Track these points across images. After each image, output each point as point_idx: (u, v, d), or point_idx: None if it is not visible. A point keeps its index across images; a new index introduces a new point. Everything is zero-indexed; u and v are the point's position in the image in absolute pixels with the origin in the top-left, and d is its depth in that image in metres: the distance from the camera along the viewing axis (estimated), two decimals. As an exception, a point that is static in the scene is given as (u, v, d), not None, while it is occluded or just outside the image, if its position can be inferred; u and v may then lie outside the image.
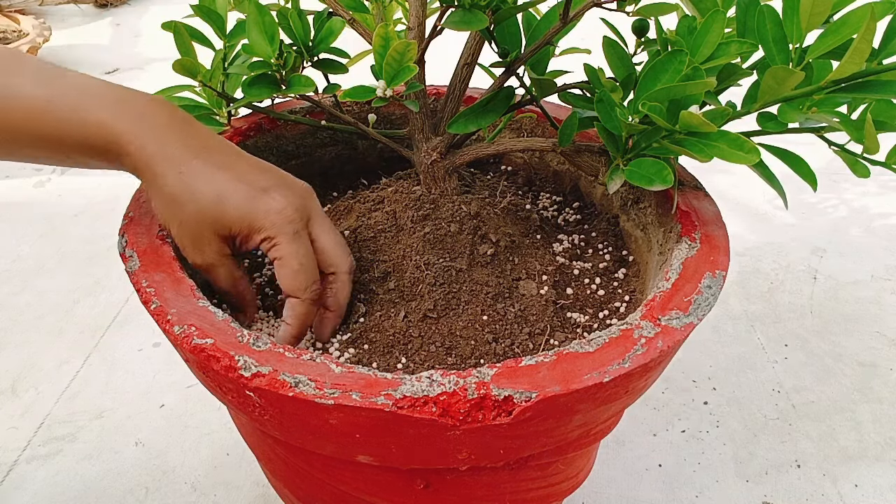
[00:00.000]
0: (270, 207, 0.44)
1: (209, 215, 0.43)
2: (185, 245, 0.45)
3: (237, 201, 0.43)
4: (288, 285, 0.45)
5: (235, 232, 0.44)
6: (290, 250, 0.44)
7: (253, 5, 0.51)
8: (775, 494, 0.72)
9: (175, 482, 0.72)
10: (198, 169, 0.43)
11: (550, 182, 0.67)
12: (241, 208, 0.43)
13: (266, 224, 0.44)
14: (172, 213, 0.44)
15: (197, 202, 0.43)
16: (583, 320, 0.51)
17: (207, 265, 0.45)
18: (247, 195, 0.43)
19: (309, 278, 0.45)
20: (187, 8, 0.55)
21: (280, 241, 0.44)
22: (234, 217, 0.43)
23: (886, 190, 1.26)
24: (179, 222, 0.44)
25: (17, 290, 0.97)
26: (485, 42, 0.52)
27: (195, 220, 0.43)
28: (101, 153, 0.43)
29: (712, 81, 0.40)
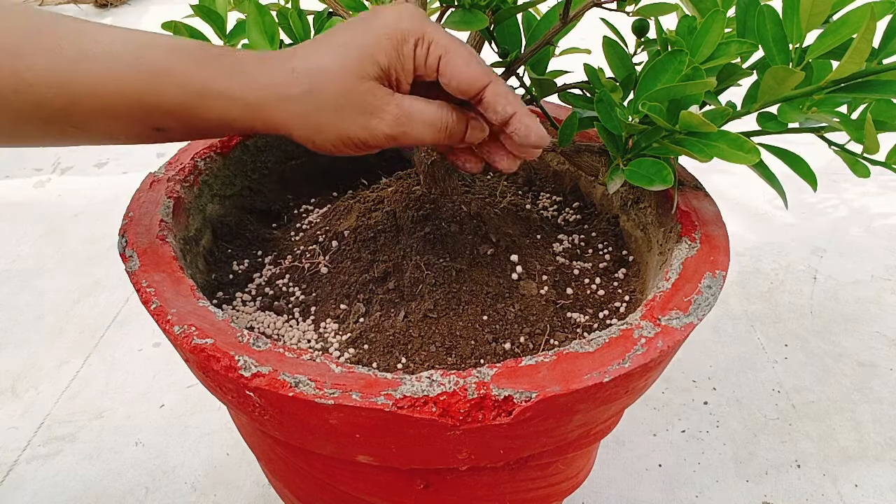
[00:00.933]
0: (393, 17, 0.38)
1: (350, 70, 0.38)
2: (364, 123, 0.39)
3: (360, 34, 0.38)
4: (470, 75, 0.39)
5: (384, 63, 0.38)
6: (446, 38, 0.39)
7: (253, 5, 0.51)
8: (775, 494, 0.72)
9: (175, 482, 0.72)
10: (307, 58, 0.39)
11: (550, 182, 0.67)
12: (370, 35, 0.38)
13: (405, 28, 0.38)
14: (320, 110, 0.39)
15: (329, 74, 0.38)
16: (583, 320, 0.51)
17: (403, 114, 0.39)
18: (364, 27, 0.38)
19: (481, 58, 0.40)
20: (187, 8, 0.55)
21: (431, 35, 0.38)
22: (371, 49, 0.38)
23: (886, 190, 1.26)
24: (334, 108, 0.38)
25: (17, 290, 0.97)
26: (485, 42, 0.52)
27: (343, 87, 0.38)
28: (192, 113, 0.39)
29: (712, 81, 0.40)
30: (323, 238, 0.54)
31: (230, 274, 0.54)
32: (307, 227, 0.58)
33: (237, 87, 0.38)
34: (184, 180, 0.54)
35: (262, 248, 0.57)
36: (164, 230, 0.48)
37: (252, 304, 0.51)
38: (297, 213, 0.63)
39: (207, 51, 0.39)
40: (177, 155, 0.57)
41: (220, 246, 0.57)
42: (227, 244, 0.57)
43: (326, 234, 0.54)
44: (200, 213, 0.55)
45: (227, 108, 0.39)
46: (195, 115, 0.39)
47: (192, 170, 0.55)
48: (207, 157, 0.57)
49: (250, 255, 0.56)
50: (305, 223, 0.60)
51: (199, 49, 0.39)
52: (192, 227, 0.53)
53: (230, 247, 0.57)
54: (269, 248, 0.57)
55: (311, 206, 0.63)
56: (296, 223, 0.60)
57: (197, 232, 0.54)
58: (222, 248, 0.56)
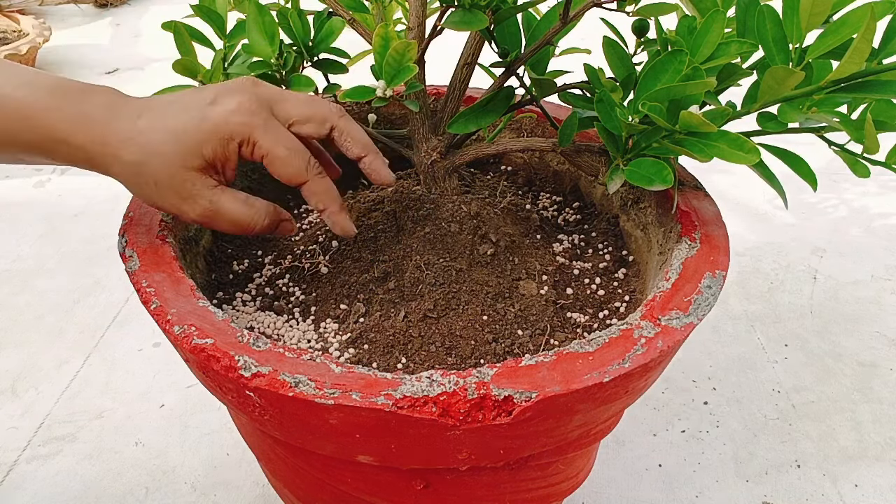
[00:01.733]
0: (226, 111, 0.41)
1: (177, 157, 0.41)
2: (176, 204, 0.42)
3: (195, 127, 0.41)
4: (288, 174, 0.43)
5: (209, 156, 0.41)
6: (269, 140, 0.42)
7: (253, 5, 0.51)
8: (775, 494, 0.72)
9: (175, 482, 0.72)
10: (146, 126, 0.41)
11: (550, 182, 0.67)
12: (201, 130, 0.41)
13: (232, 129, 0.41)
14: (146, 181, 0.41)
15: (159, 154, 0.41)
16: (583, 320, 0.51)
17: (211, 208, 0.43)
18: (199, 116, 0.41)
19: (302, 156, 0.43)
20: (187, 8, 0.55)
21: (256, 137, 0.42)
22: (199, 142, 0.41)
23: (886, 190, 1.26)
24: (156, 184, 0.41)
25: (17, 290, 0.97)
26: (485, 42, 0.52)
27: (167, 171, 0.41)
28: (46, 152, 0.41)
29: (712, 81, 0.40)
30: (323, 238, 0.54)
31: (230, 274, 0.54)
32: (307, 227, 0.58)
33: (83, 139, 0.41)
34: (184, 180, 0.54)
35: (262, 248, 0.57)
36: (164, 230, 0.48)
37: (252, 304, 0.51)
38: (297, 213, 0.63)
39: (64, 94, 0.41)
40: (177, 155, 0.57)
41: (220, 246, 0.57)
42: (227, 244, 0.57)
43: (326, 234, 0.54)
44: (200, 213, 0.55)
45: (72, 154, 0.41)
46: (47, 155, 0.42)
47: (192, 170, 0.55)
48: (207, 157, 0.57)
49: (250, 255, 0.56)
50: (305, 223, 0.60)
51: (56, 90, 0.41)
52: (192, 227, 0.53)
53: (230, 247, 0.57)
54: (269, 248, 0.57)
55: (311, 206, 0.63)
56: (296, 223, 0.60)
57: (197, 232, 0.54)
58: (222, 248, 0.56)
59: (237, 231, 0.45)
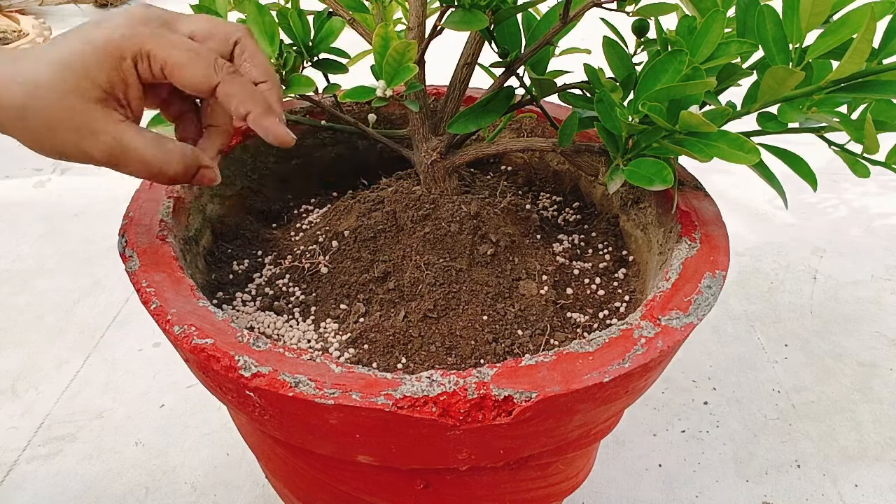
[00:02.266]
0: (114, 26, 0.37)
1: (67, 87, 0.36)
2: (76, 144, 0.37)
3: (78, 50, 0.36)
4: (195, 80, 0.37)
5: (104, 83, 0.36)
6: (164, 45, 0.37)
7: (253, 5, 0.51)
8: (775, 494, 0.72)
9: (175, 482, 0.72)
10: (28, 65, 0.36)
11: (550, 182, 0.67)
12: (87, 53, 0.36)
13: (120, 44, 0.36)
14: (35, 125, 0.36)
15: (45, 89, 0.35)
16: (583, 320, 0.51)
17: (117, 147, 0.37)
18: (85, 40, 0.36)
19: (206, 56, 0.38)
20: (187, 8, 0.55)
21: (151, 47, 0.37)
22: (88, 67, 0.36)
23: (886, 190, 1.26)
24: (48, 126, 0.36)
25: (17, 290, 0.97)
26: (485, 42, 0.52)
27: (60, 106, 0.36)
28: None
29: (712, 81, 0.40)
30: (323, 238, 0.54)
31: (230, 274, 0.54)
32: (307, 227, 0.58)
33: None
34: (184, 180, 0.54)
35: (262, 248, 0.57)
36: (164, 230, 0.48)
37: (252, 304, 0.51)
38: (297, 213, 0.63)
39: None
40: (177, 155, 0.57)
41: (220, 246, 0.57)
42: (227, 244, 0.57)
43: (326, 234, 0.54)
44: (200, 213, 0.55)
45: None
46: None
47: (192, 170, 0.55)
48: (207, 157, 0.57)
49: (250, 255, 0.56)
50: (305, 223, 0.60)
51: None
52: (192, 227, 0.53)
53: (230, 247, 0.57)
54: (269, 248, 0.57)
55: (311, 206, 0.63)
56: (296, 223, 0.60)
57: (197, 232, 0.54)
58: (222, 248, 0.56)
59: (147, 176, 0.39)
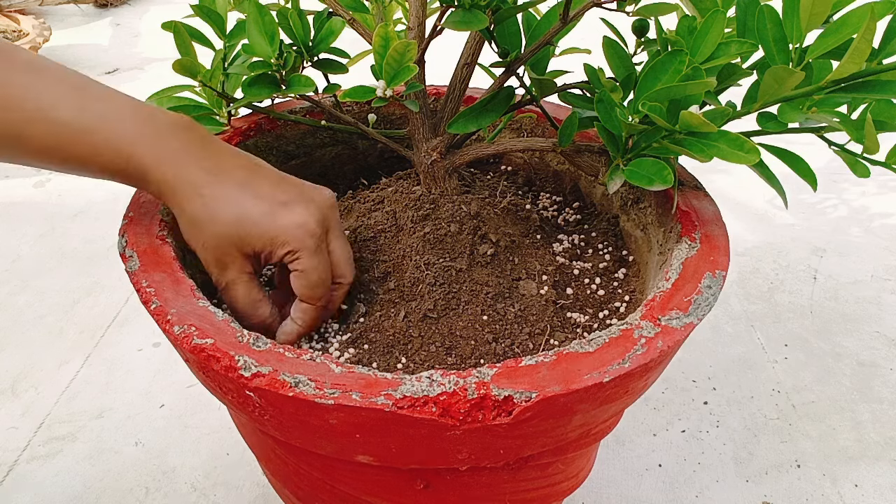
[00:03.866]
0: (291, 222, 0.44)
1: (231, 236, 0.43)
2: (208, 264, 0.45)
3: (258, 219, 0.43)
4: (306, 295, 0.46)
5: (258, 249, 0.44)
6: (312, 264, 0.45)
7: (253, 5, 0.51)
8: (775, 494, 0.72)
9: (175, 482, 0.72)
10: (217, 192, 0.43)
11: (550, 182, 0.67)
12: (261, 226, 0.43)
13: (288, 239, 0.44)
14: (195, 235, 0.44)
15: (218, 224, 0.43)
16: (583, 320, 0.51)
17: (228, 282, 0.45)
18: (267, 212, 0.44)
19: (326, 290, 0.46)
20: (187, 8, 0.55)
21: (302, 255, 0.44)
22: (255, 235, 0.44)
23: (886, 190, 1.26)
24: (202, 244, 0.44)
25: (17, 290, 0.97)
26: (485, 42, 0.52)
27: (217, 241, 0.44)
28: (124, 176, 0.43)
29: (712, 81, 0.40)
30: (323, 238, 0.54)
31: (230, 274, 0.54)
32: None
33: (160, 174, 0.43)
34: (184, 180, 0.54)
35: (262, 248, 0.57)
36: (164, 230, 0.48)
37: (252, 304, 0.51)
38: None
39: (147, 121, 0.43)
40: (177, 155, 0.57)
41: (220, 246, 0.56)
42: (227, 244, 0.57)
43: (326, 234, 0.54)
44: (200, 213, 0.55)
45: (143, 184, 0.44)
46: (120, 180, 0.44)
47: (192, 170, 0.55)
48: (207, 157, 0.57)
49: (250, 255, 0.56)
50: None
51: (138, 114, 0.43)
52: (192, 227, 0.53)
53: (230, 247, 0.57)
54: (269, 248, 0.57)
55: (311, 206, 0.63)
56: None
57: (197, 232, 0.54)
58: (222, 248, 0.56)
59: (239, 317, 0.47)
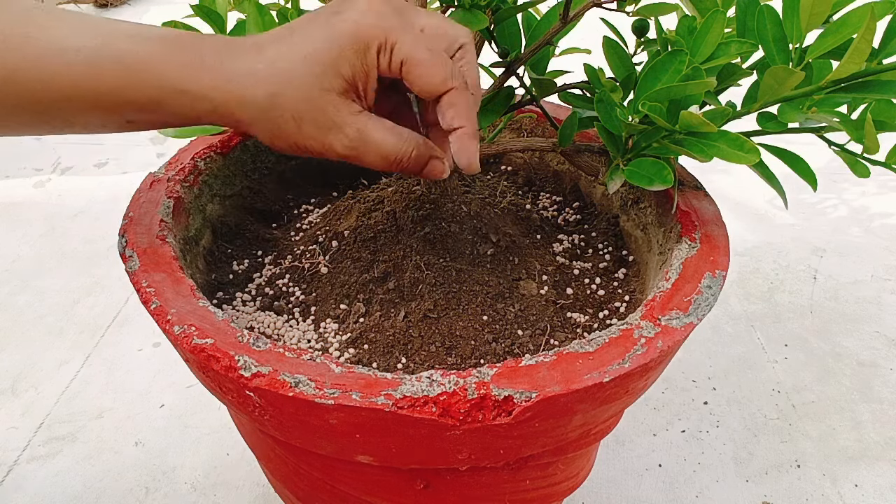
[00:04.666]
0: (355, 16, 0.37)
1: (311, 80, 0.37)
2: (320, 138, 0.38)
3: (322, 42, 0.37)
4: (432, 82, 0.38)
5: (348, 75, 0.37)
6: (409, 41, 0.37)
7: (253, 5, 0.51)
8: (775, 494, 0.72)
9: (175, 482, 0.72)
10: (270, 55, 0.37)
11: (550, 182, 0.67)
12: (331, 44, 0.37)
13: (367, 33, 0.37)
14: (281, 118, 0.37)
15: (290, 82, 0.37)
16: (583, 320, 0.51)
17: (360, 137, 0.38)
18: (326, 31, 0.37)
19: (446, 60, 0.38)
20: (187, 8, 0.55)
21: (394, 38, 0.37)
22: (333, 59, 0.37)
23: (886, 190, 1.26)
24: (293, 118, 0.37)
25: (17, 290, 0.97)
26: (485, 42, 0.52)
27: (304, 99, 0.37)
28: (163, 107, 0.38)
29: (712, 81, 0.40)
30: (323, 238, 0.54)
31: (230, 274, 0.54)
32: (307, 227, 0.58)
33: (204, 85, 0.37)
34: (184, 180, 0.54)
35: (262, 248, 0.57)
36: (164, 230, 0.48)
37: (252, 304, 0.51)
38: (297, 213, 0.63)
39: (175, 42, 0.38)
40: (177, 155, 0.57)
41: (220, 246, 0.57)
42: (227, 244, 0.57)
43: (326, 234, 0.54)
44: (200, 213, 0.55)
45: (194, 106, 0.38)
46: (165, 111, 0.38)
47: (192, 170, 0.55)
48: (207, 157, 0.57)
49: (250, 255, 0.56)
50: (305, 223, 0.60)
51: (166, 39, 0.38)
52: (192, 227, 0.53)
53: (230, 247, 0.57)
54: (269, 248, 0.57)
55: (311, 206, 0.63)
56: (296, 223, 0.60)
57: (197, 232, 0.54)
58: (222, 248, 0.56)
59: (384, 166, 0.40)
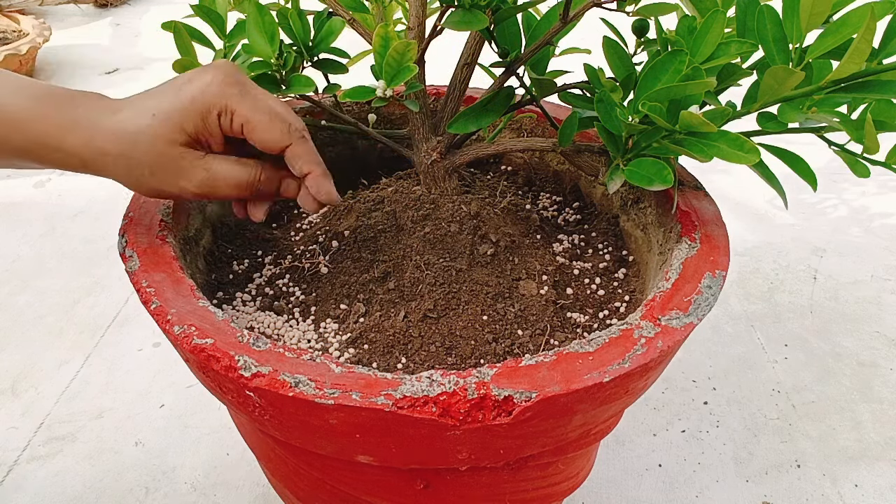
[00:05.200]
0: (202, 84, 0.42)
1: (158, 135, 0.41)
2: (174, 183, 0.43)
3: (168, 103, 0.42)
4: (271, 139, 0.43)
5: (191, 131, 0.42)
6: (247, 106, 0.42)
7: (253, 5, 0.51)
8: (775, 494, 0.72)
9: (175, 482, 0.72)
10: (123, 116, 0.42)
11: (550, 182, 0.67)
12: (177, 105, 0.41)
13: (209, 100, 0.42)
14: (136, 170, 0.42)
15: (140, 137, 0.41)
16: (583, 320, 0.51)
17: (208, 176, 0.43)
18: (175, 94, 0.42)
19: (282, 120, 0.43)
20: (187, 8, 0.55)
21: (233, 105, 0.42)
22: (177, 118, 0.41)
23: (886, 190, 1.26)
24: (148, 169, 0.42)
25: (17, 290, 0.97)
26: (485, 42, 0.52)
27: (153, 152, 0.42)
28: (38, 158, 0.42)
29: (712, 81, 0.40)
30: (323, 238, 0.54)
31: (230, 274, 0.54)
32: (307, 227, 0.58)
33: (75, 144, 0.42)
34: (184, 180, 0.54)
35: (262, 248, 0.57)
36: (164, 230, 0.48)
37: (252, 304, 0.51)
38: (297, 213, 0.63)
39: (51, 101, 0.42)
40: (177, 155, 0.57)
41: (220, 246, 0.57)
42: (227, 244, 0.57)
43: (326, 234, 0.54)
44: (200, 213, 0.55)
45: (65, 160, 0.42)
46: (44, 162, 0.43)
47: (192, 170, 0.55)
48: (207, 157, 0.57)
49: (250, 255, 0.56)
50: (305, 223, 0.60)
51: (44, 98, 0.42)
52: (192, 227, 0.53)
53: (230, 247, 0.57)
54: (269, 248, 0.57)
55: (311, 206, 0.63)
56: (296, 223, 0.60)
57: (197, 232, 0.54)
58: (222, 248, 0.56)
59: (241, 193, 0.44)
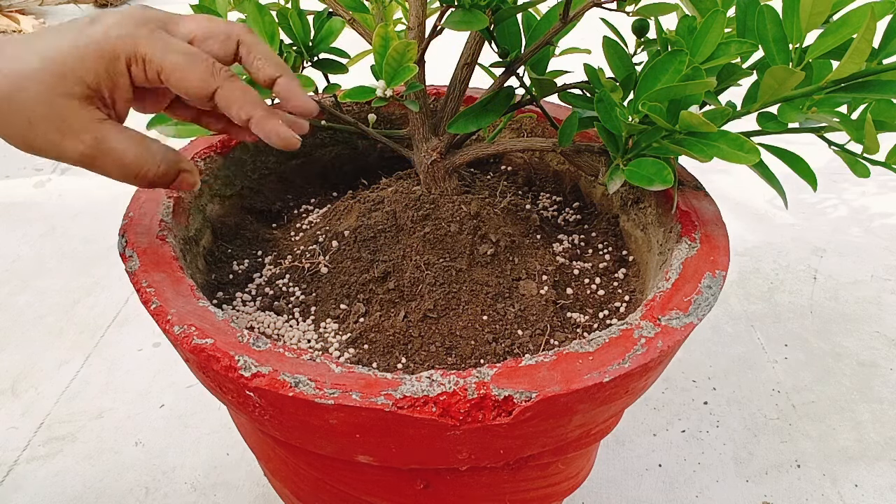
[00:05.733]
0: (106, 26, 0.35)
1: (50, 83, 0.34)
2: (55, 142, 0.35)
3: (67, 46, 0.34)
4: (193, 85, 0.36)
5: (92, 81, 0.35)
6: (159, 49, 0.35)
7: (253, 5, 0.51)
8: (775, 494, 0.72)
9: (175, 482, 0.72)
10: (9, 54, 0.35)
11: (550, 182, 0.67)
12: (76, 50, 0.34)
13: (114, 44, 0.35)
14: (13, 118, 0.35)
15: (27, 82, 0.34)
16: (583, 320, 0.51)
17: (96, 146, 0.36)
18: (75, 36, 0.35)
19: (203, 60, 0.36)
20: (187, 8, 0.55)
21: (143, 49, 0.35)
22: (75, 64, 0.34)
23: (886, 190, 1.26)
24: (28, 120, 0.35)
25: (17, 290, 0.97)
26: (485, 42, 0.52)
27: (40, 101, 0.34)
28: None
29: (712, 81, 0.40)
30: (323, 238, 0.54)
31: (230, 274, 0.54)
32: (307, 227, 0.58)
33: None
34: (184, 180, 0.54)
35: (262, 248, 0.57)
36: (164, 230, 0.48)
37: (252, 304, 0.51)
38: (297, 213, 0.63)
39: None
40: (177, 155, 0.57)
41: (220, 246, 0.57)
42: (227, 244, 0.57)
43: (326, 234, 0.54)
44: (200, 213, 0.55)
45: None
46: None
47: (192, 170, 0.55)
48: (207, 156, 0.57)
49: (250, 255, 0.56)
50: (305, 223, 0.60)
51: None
52: (192, 227, 0.53)
53: (230, 247, 0.57)
54: (269, 248, 0.57)
55: (311, 206, 0.63)
56: (296, 223, 0.60)
57: (197, 232, 0.54)
58: (222, 248, 0.56)
59: (125, 178, 0.38)
